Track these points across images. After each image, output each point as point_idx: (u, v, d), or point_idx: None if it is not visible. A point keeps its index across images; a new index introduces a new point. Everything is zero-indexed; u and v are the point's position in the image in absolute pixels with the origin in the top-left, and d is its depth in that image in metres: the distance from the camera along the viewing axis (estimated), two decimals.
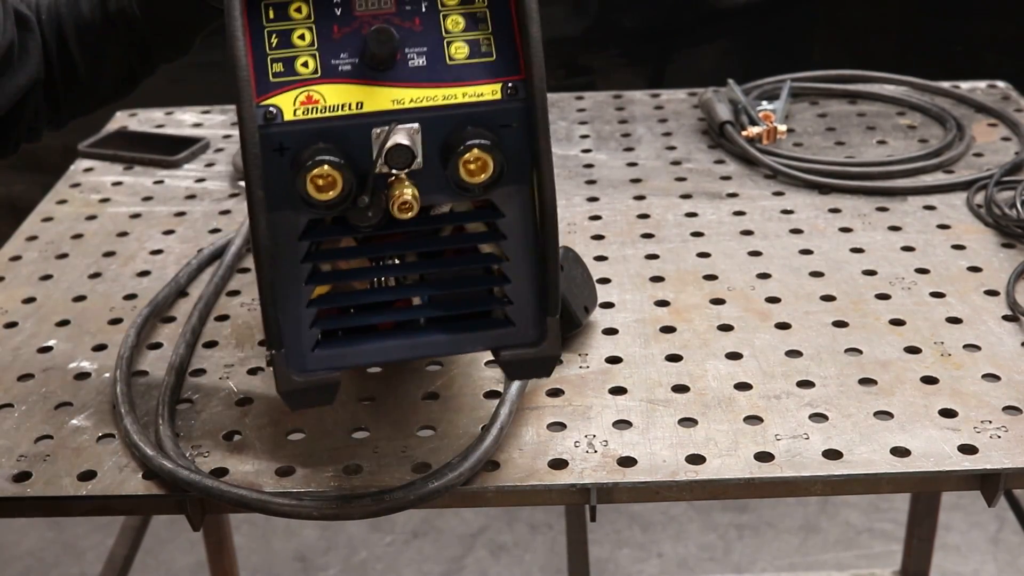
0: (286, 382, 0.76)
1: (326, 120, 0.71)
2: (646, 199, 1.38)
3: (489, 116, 0.73)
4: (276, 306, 0.74)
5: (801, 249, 1.25)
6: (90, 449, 0.97)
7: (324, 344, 0.77)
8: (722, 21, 2.76)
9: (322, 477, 0.91)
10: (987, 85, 1.68)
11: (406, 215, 0.72)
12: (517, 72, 0.73)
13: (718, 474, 0.91)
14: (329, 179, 0.71)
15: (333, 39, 0.73)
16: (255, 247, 0.73)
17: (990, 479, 0.91)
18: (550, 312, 0.78)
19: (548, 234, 0.75)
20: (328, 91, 0.72)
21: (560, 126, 1.60)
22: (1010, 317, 1.11)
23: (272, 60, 0.72)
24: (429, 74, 0.73)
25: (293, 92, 0.72)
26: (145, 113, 1.68)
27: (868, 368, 1.03)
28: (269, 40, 0.73)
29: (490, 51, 0.74)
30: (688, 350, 1.07)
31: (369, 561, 2.33)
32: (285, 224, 0.73)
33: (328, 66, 0.73)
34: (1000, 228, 1.27)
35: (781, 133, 1.51)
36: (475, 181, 0.73)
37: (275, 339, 0.75)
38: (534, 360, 0.79)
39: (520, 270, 0.76)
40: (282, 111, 0.72)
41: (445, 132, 0.73)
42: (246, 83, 0.70)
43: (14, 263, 1.29)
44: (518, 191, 0.75)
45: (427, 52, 0.73)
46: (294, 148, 0.71)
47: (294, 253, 0.74)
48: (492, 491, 0.90)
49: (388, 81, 0.73)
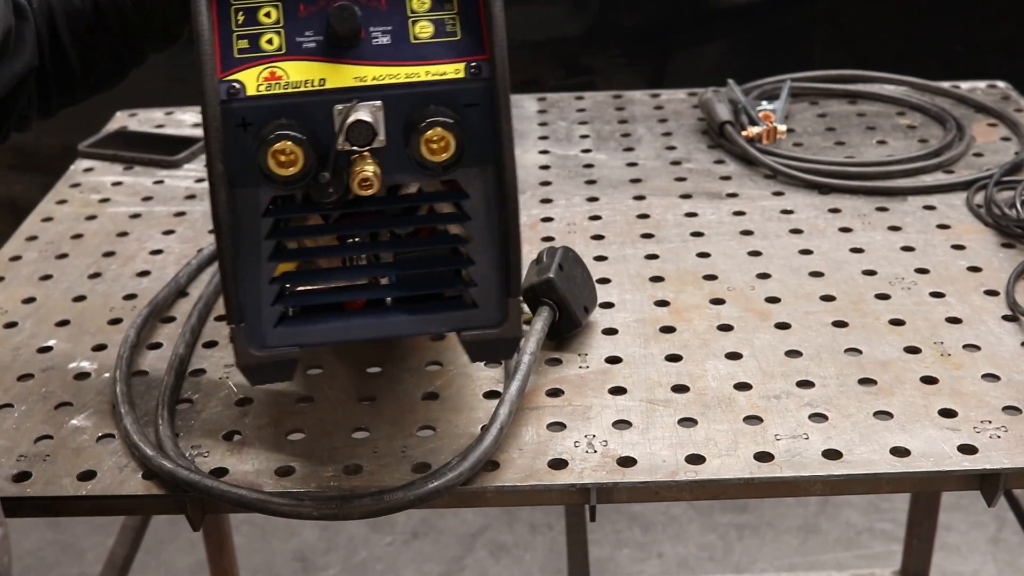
0: (244, 356, 0.76)
1: (288, 96, 0.72)
2: (646, 199, 1.38)
3: (452, 95, 0.73)
4: (236, 281, 0.74)
5: (801, 249, 1.25)
6: (90, 449, 0.97)
7: (285, 321, 0.77)
8: (722, 21, 2.76)
9: (322, 477, 0.91)
10: (987, 85, 1.68)
11: (367, 192, 0.72)
12: (482, 52, 0.74)
13: (718, 474, 0.91)
14: (291, 155, 0.71)
15: (299, 17, 0.74)
16: (215, 221, 0.73)
17: (990, 479, 0.91)
18: (512, 294, 0.77)
19: (510, 215, 0.75)
20: (292, 68, 0.72)
21: (560, 126, 1.60)
22: (1010, 317, 1.11)
23: (237, 36, 0.73)
24: (393, 52, 0.73)
25: (257, 68, 0.72)
26: (145, 113, 1.68)
27: (868, 368, 1.03)
28: (235, 17, 0.73)
29: (455, 31, 0.74)
30: (688, 350, 1.07)
31: (369, 561, 2.33)
32: (248, 200, 0.73)
33: (293, 43, 0.73)
34: (1000, 228, 1.27)
35: (781, 133, 1.51)
36: (437, 160, 0.73)
37: (235, 314, 0.75)
38: (496, 342, 0.79)
39: (484, 251, 0.76)
40: (245, 86, 0.72)
41: (408, 110, 0.73)
42: (209, 57, 0.70)
43: (14, 263, 1.29)
44: (482, 172, 0.74)
45: (392, 31, 0.74)
46: (257, 123, 0.72)
47: (257, 229, 0.74)
48: (492, 491, 0.90)
49: (352, 59, 0.73)
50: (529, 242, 1.28)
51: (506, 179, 0.75)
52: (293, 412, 1.00)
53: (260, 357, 0.77)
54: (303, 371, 1.05)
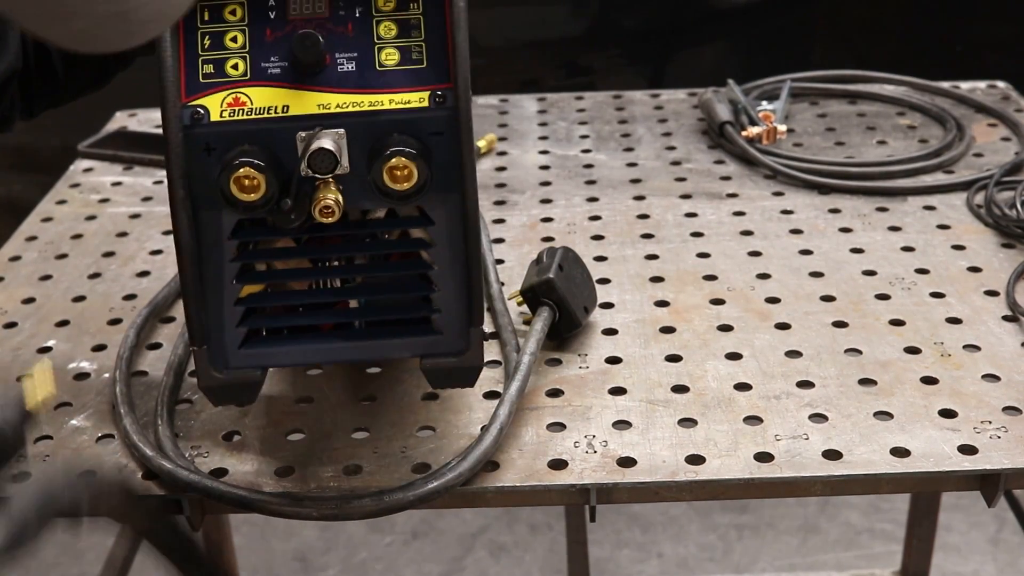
0: (207, 378, 0.77)
1: (252, 122, 0.72)
2: (646, 199, 1.38)
3: (415, 123, 0.72)
4: (199, 303, 0.74)
5: (801, 249, 1.25)
6: (90, 449, 0.96)
7: (249, 343, 0.77)
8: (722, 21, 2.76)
9: (322, 477, 0.91)
10: (987, 85, 1.68)
11: (327, 219, 0.72)
12: (447, 80, 0.73)
13: (718, 474, 0.91)
14: (253, 180, 0.71)
15: (265, 42, 0.74)
16: (177, 245, 0.74)
17: (990, 479, 0.91)
18: (474, 323, 0.77)
19: (471, 244, 0.75)
20: (256, 93, 0.72)
21: (560, 126, 1.60)
22: (1010, 317, 1.11)
23: (203, 61, 0.73)
24: (358, 80, 0.73)
25: (221, 93, 0.72)
26: (145, 113, 1.68)
27: (868, 368, 1.03)
28: (202, 41, 0.74)
29: (421, 58, 0.74)
30: (688, 350, 1.07)
31: (369, 561, 2.33)
32: (211, 223, 0.74)
33: (258, 68, 0.73)
34: (1000, 228, 1.27)
35: (781, 133, 1.51)
36: (399, 188, 0.73)
37: (197, 336, 0.75)
38: (457, 370, 0.79)
39: (447, 279, 0.76)
40: (209, 112, 0.72)
41: (371, 138, 0.73)
42: (172, 84, 0.71)
43: (14, 263, 1.29)
44: (446, 199, 0.74)
45: (357, 58, 0.74)
46: (220, 148, 0.72)
47: (221, 251, 0.74)
48: (492, 491, 0.90)
49: (316, 85, 0.73)
50: (529, 242, 1.28)
51: (468, 208, 0.74)
52: (293, 412, 1.00)
53: (223, 379, 0.78)
54: (303, 371, 1.05)
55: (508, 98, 1.71)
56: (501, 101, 1.70)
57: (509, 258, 1.24)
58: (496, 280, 1.15)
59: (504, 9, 2.63)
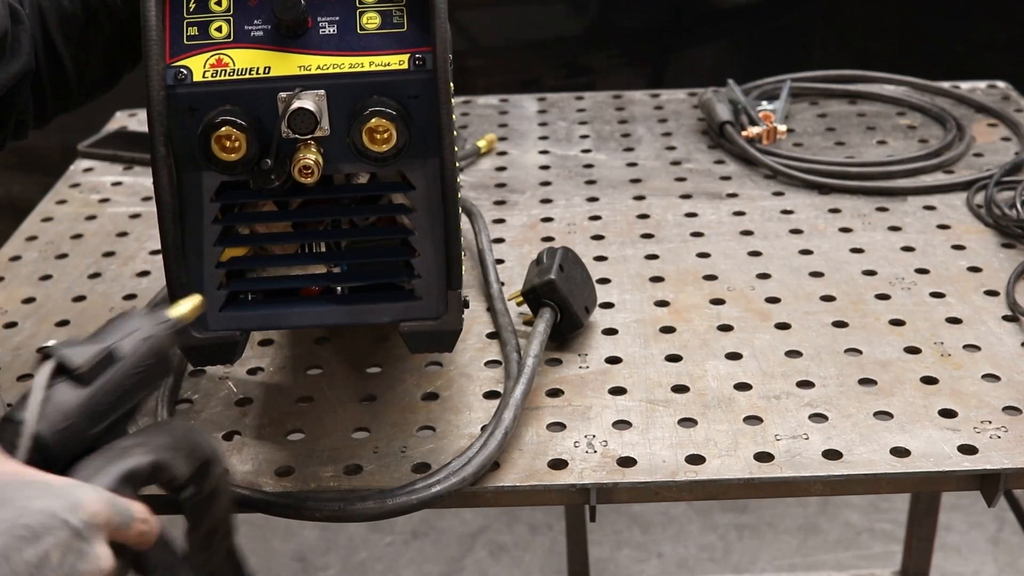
0: (186, 339, 0.77)
1: (233, 83, 0.73)
2: (646, 199, 1.38)
3: (395, 86, 0.73)
4: (179, 263, 0.75)
5: (801, 249, 1.25)
6: None
7: (229, 305, 0.77)
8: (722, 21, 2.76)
9: (322, 477, 0.91)
10: (987, 85, 1.68)
11: (307, 179, 0.73)
12: (427, 44, 0.73)
13: (718, 474, 0.91)
14: (235, 141, 0.72)
15: (249, 5, 0.75)
16: (158, 204, 0.74)
17: (990, 479, 0.91)
18: (452, 286, 0.77)
19: (449, 207, 0.75)
20: (238, 55, 0.73)
21: (560, 126, 1.60)
22: (1010, 317, 1.11)
23: (188, 24, 0.74)
24: (339, 42, 0.74)
25: (204, 55, 0.73)
26: (145, 113, 1.67)
27: (868, 368, 1.03)
28: (187, 5, 0.75)
29: (402, 22, 0.74)
30: (688, 350, 1.07)
31: (369, 561, 2.33)
32: (193, 184, 0.74)
33: (241, 31, 0.74)
34: (1000, 228, 1.27)
35: (781, 133, 1.51)
36: (379, 150, 0.73)
37: (177, 296, 0.75)
38: (435, 333, 0.79)
39: (426, 243, 0.76)
40: (192, 72, 0.73)
41: (351, 100, 0.73)
42: (155, 44, 0.72)
43: (14, 263, 1.29)
44: (424, 164, 0.75)
45: (339, 21, 0.74)
46: (203, 109, 0.72)
47: (201, 214, 0.75)
48: (492, 491, 0.90)
49: (298, 48, 0.74)
50: (529, 242, 1.28)
51: (446, 172, 0.75)
52: (293, 412, 1.00)
53: (202, 339, 0.78)
54: (303, 371, 1.05)
55: (508, 98, 1.71)
56: (501, 101, 1.70)
57: (509, 258, 1.24)
58: (496, 280, 1.15)
59: (504, 9, 2.63)
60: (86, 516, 0.62)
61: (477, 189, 1.42)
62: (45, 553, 0.60)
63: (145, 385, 0.72)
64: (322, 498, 0.88)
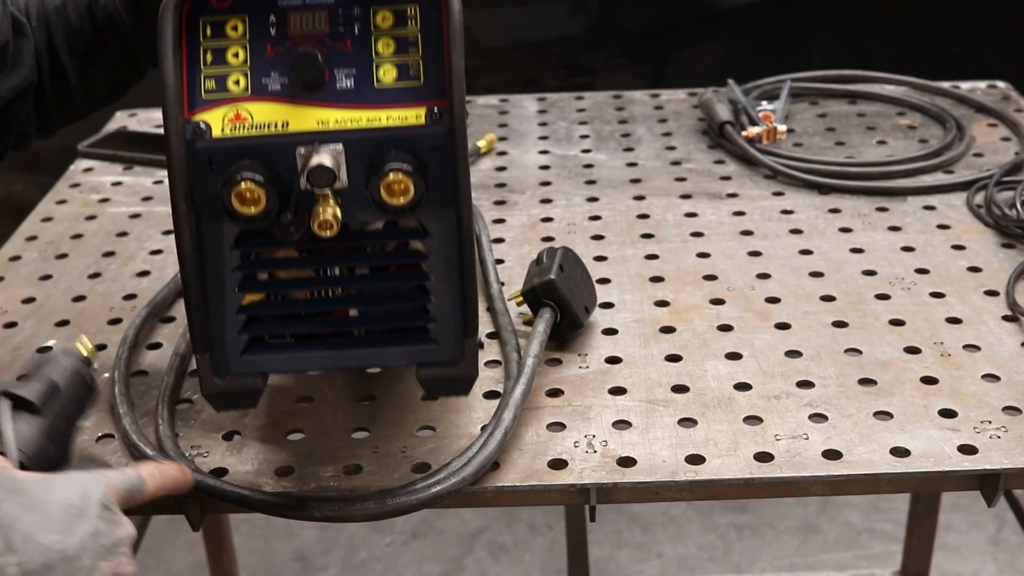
0: (209, 385, 0.78)
1: (253, 138, 0.73)
2: (646, 199, 1.38)
3: (412, 140, 0.73)
4: (202, 313, 0.76)
5: (801, 249, 1.25)
6: (90, 449, 0.96)
7: (251, 350, 0.78)
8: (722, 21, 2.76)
9: (322, 477, 0.91)
10: (987, 85, 1.68)
11: (326, 233, 0.74)
12: (443, 97, 0.74)
13: (718, 474, 0.91)
14: (253, 194, 0.73)
15: (266, 58, 0.75)
16: (180, 256, 0.75)
17: (990, 479, 0.91)
18: (468, 333, 0.78)
19: (466, 257, 0.76)
20: (257, 109, 0.74)
21: (560, 126, 1.60)
22: (1010, 317, 1.11)
23: (205, 77, 0.74)
24: (356, 96, 0.74)
25: (223, 109, 0.74)
26: (145, 113, 1.68)
27: (868, 368, 1.03)
28: (204, 57, 0.75)
29: (418, 75, 0.75)
30: (688, 350, 1.07)
31: (369, 561, 2.33)
32: (214, 233, 0.75)
33: (259, 85, 0.74)
34: (1000, 228, 1.27)
35: (781, 133, 1.51)
36: (397, 202, 0.74)
37: (200, 344, 0.77)
38: (452, 379, 0.80)
39: (443, 290, 0.77)
40: (211, 127, 0.74)
41: (369, 154, 0.74)
42: (174, 100, 0.72)
43: (14, 263, 1.29)
44: (442, 212, 0.75)
45: (355, 74, 0.75)
46: (222, 163, 0.73)
47: (223, 261, 0.76)
48: (492, 491, 0.90)
49: (316, 101, 0.74)
50: (529, 242, 1.28)
51: (463, 221, 0.75)
52: (293, 412, 1.00)
53: (225, 386, 0.79)
54: None
55: (508, 98, 1.71)
56: (501, 101, 1.70)
57: (509, 258, 1.24)
58: (496, 280, 1.15)
59: (504, 9, 2.63)
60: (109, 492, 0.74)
61: (477, 189, 1.42)
62: (94, 528, 0.72)
63: (83, 409, 0.85)
64: (322, 498, 0.88)
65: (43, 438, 0.79)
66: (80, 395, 0.85)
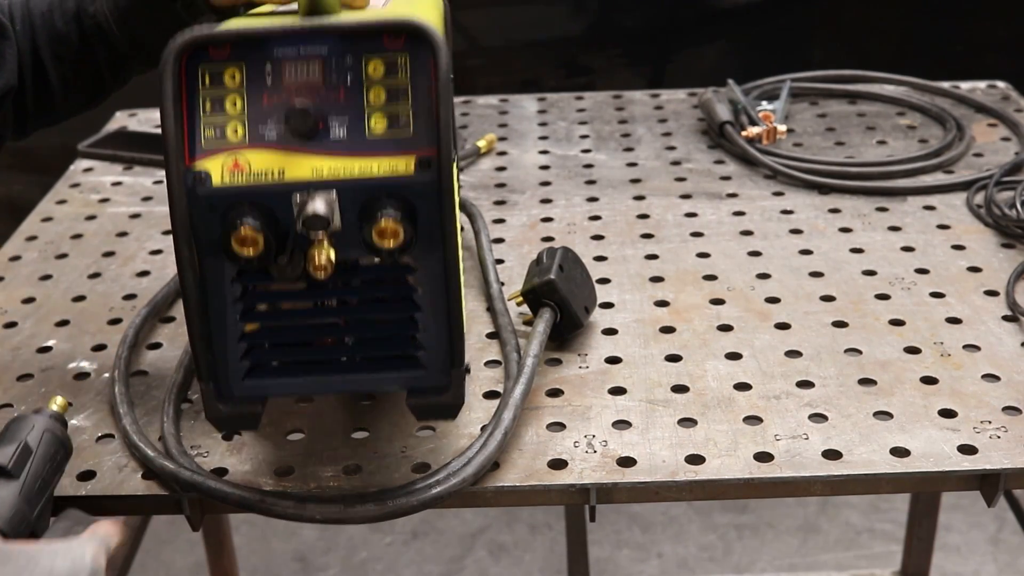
0: (213, 410, 0.82)
1: (251, 186, 0.77)
2: (646, 199, 1.38)
3: (401, 187, 0.77)
4: (205, 346, 0.80)
5: (801, 249, 1.25)
6: (90, 449, 0.97)
7: (250, 375, 0.82)
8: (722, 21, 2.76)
9: (322, 477, 0.91)
10: (987, 85, 1.68)
11: (320, 275, 0.77)
12: (431, 147, 0.77)
13: (718, 474, 0.91)
14: (252, 239, 0.76)
15: (262, 106, 0.78)
16: (185, 300, 0.79)
17: (990, 479, 0.91)
18: (455, 364, 0.82)
19: (452, 293, 0.80)
20: (254, 157, 0.77)
21: (560, 126, 1.60)
22: (1010, 317, 1.11)
23: (205, 126, 0.77)
24: (349, 145, 0.77)
25: (222, 157, 0.77)
26: (145, 113, 1.68)
27: (868, 368, 1.03)
28: (203, 105, 0.78)
29: (408, 125, 0.78)
30: (688, 350, 1.07)
31: (369, 561, 2.33)
32: (216, 269, 0.79)
33: (256, 133, 0.77)
34: (1000, 228, 1.27)
35: (781, 133, 1.51)
36: (387, 245, 0.77)
37: (204, 373, 0.81)
38: (439, 405, 0.84)
39: (431, 321, 0.81)
40: (211, 176, 0.77)
41: (361, 200, 0.77)
42: (175, 148, 0.75)
43: (14, 263, 1.29)
44: (430, 251, 0.79)
45: (348, 123, 0.78)
46: (222, 208, 0.77)
47: (224, 295, 0.79)
48: (492, 491, 0.90)
49: (310, 150, 0.77)
50: (529, 242, 1.28)
51: (449, 263, 0.79)
52: (293, 412, 1.00)
53: (227, 411, 0.83)
54: None
55: (508, 98, 1.71)
56: (501, 101, 1.70)
57: (509, 258, 1.24)
58: (496, 280, 1.15)
59: (504, 9, 2.63)
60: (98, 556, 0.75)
61: (477, 189, 1.42)
62: None
63: (59, 468, 0.86)
64: (322, 499, 0.88)
65: (20, 502, 0.80)
66: (55, 454, 0.85)
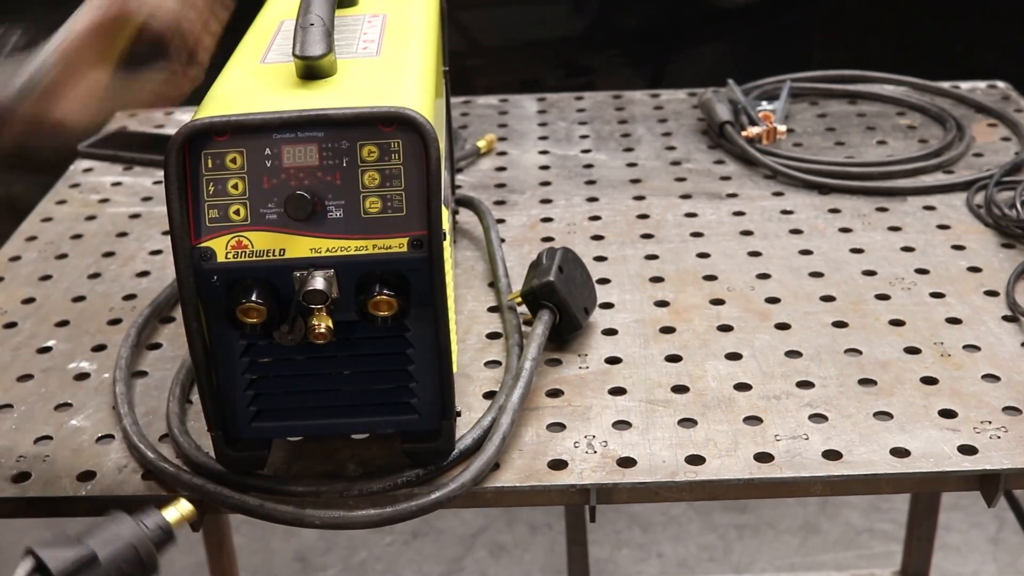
0: (223, 455, 0.90)
1: (253, 263, 0.82)
2: (646, 199, 1.38)
3: (395, 264, 0.83)
4: (215, 399, 0.86)
5: (801, 249, 1.25)
6: (90, 450, 0.97)
7: (256, 420, 0.89)
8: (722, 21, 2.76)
9: (321, 480, 0.91)
10: (987, 85, 1.68)
11: (319, 342, 0.83)
12: (423, 228, 0.83)
13: (718, 475, 0.91)
14: (255, 311, 0.82)
15: (263, 188, 0.83)
16: (195, 365, 0.85)
17: (990, 479, 0.91)
18: (446, 416, 0.88)
19: (442, 351, 0.86)
20: (256, 237, 0.83)
21: (560, 126, 1.60)
22: (1010, 317, 1.11)
23: (208, 207, 0.83)
24: (345, 226, 0.83)
25: (225, 237, 0.83)
26: (145, 113, 1.68)
27: (868, 368, 1.03)
28: (207, 188, 0.83)
29: (401, 206, 0.82)
30: (688, 350, 1.07)
31: (369, 561, 2.33)
32: (223, 334, 0.85)
33: (256, 215, 0.83)
34: (1000, 228, 1.27)
35: (781, 133, 1.51)
36: (382, 315, 0.83)
37: (215, 422, 0.87)
38: (431, 451, 0.90)
39: (423, 374, 0.87)
40: (215, 253, 0.82)
41: (357, 276, 0.83)
42: (180, 228, 0.82)
43: (14, 263, 1.29)
44: (422, 315, 0.85)
45: (344, 205, 0.83)
46: (227, 282, 0.83)
47: (232, 352, 0.86)
48: (492, 492, 0.90)
49: (309, 232, 0.83)
50: (529, 242, 1.28)
51: (439, 324, 0.84)
52: None
53: (236, 456, 0.90)
54: None
55: (508, 98, 1.71)
56: (501, 101, 1.70)
57: (509, 258, 1.24)
58: (504, 275, 1.16)
59: (504, 9, 2.63)
60: None
61: (477, 189, 1.42)
62: None
63: None
64: (322, 504, 0.88)
65: None
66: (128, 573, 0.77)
